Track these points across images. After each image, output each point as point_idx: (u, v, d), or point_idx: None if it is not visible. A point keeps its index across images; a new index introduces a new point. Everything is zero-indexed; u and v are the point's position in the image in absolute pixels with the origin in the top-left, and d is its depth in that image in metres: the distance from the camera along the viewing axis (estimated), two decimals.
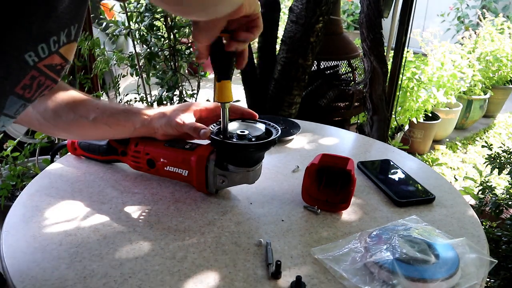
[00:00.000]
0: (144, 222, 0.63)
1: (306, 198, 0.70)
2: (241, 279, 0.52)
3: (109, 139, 0.76)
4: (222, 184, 0.68)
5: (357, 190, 0.75)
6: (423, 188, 0.74)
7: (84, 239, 0.59)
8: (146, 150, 0.72)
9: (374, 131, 1.95)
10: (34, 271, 0.52)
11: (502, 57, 3.33)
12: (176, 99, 1.94)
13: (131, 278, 0.52)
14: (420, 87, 2.64)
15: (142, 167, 0.74)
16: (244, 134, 0.65)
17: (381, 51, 1.81)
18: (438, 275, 0.51)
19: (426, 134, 2.88)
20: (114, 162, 0.79)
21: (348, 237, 0.61)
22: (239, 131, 0.65)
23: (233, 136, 0.65)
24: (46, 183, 0.73)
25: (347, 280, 0.52)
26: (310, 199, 0.69)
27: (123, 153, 0.75)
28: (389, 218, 0.67)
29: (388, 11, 1.89)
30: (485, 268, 0.54)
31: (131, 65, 1.91)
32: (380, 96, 1.88)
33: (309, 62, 1.71)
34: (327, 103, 2.09)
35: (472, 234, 0.63)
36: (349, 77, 2.18)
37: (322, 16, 1.63)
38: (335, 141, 0.97)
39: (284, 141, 0.94)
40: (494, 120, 3.67)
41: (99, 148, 0.78)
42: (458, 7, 4.92)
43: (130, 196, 0.70)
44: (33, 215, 0.64)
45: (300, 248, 0.59)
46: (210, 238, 0.60)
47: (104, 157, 0.78)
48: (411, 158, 0.90)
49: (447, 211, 0.69)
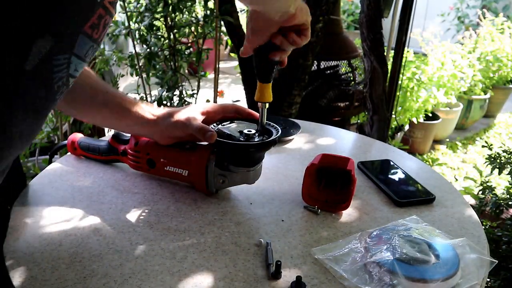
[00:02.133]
0: (144, 222, 0.63)
1: (306, 198, 0.69)
2: (241, 279, 0.52)
3: (108, 127, 0.76)
4: (222, 184, 0.68)
5: (357, 190, 0.75)
6: (423, 188, 0.74)
7: (84, 239, 0.59)
8: (146, 150, 0.72)
9: (374, 131, 1.96)
10: (34, 271, 0.52)
11: (503, 57, 3.33)
12: (176, 99, 1.94)
13: (131, 278, 0.52)
14: (420, 87, 2.64)
15: (142, 167, 0.74)
16: (247, 134, 0.65)
17: (381, 51, 1.81)
18: (438, 275, 0.51)
19: (426, 134, 2.88)
20: (114, 162, 0.79)
21: (348, 237, 0.61)
22: (240, 131, 0.65)
23: (234, 136, 0.65)
24: (46, 183, 0.73)
25: (347, 280, 0.52)
26: (310, 199, 0.69)
27: (123, 153, 0.75)
28: (389, 218, 0.67)
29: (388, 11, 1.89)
30: (485, 268, 0.54)
31: (131, 65, 1.91)
32: (380, 96, 1.88)
33: (309, 62, 1.71)
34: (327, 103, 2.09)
35: (472, 234, 0.63)
36: (349, 77, 2.18)
37: (322, 16, 1.63)
38: (335, 141, 0.97)
39: (284, 141, 0.94)
40: (494, 120, 3.67)
41: (99, 148, 0.78)
42: (458, 7, 4.92)
43: (130, 196, 0.70)
44: (33, 215, 0.64)
45: (300, 248, 0.59)
46: (210, 238, 0.60)
47: (104, 157, 0.78)
48: (411, 158, 0.90)
49: (447, 211, 0.69)
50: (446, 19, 4.90)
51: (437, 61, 2.87)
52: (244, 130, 0.66)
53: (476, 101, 3.30)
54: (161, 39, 1.89)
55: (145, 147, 0.72)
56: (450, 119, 3.09)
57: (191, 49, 1.98)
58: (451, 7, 4.96)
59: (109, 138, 0.78)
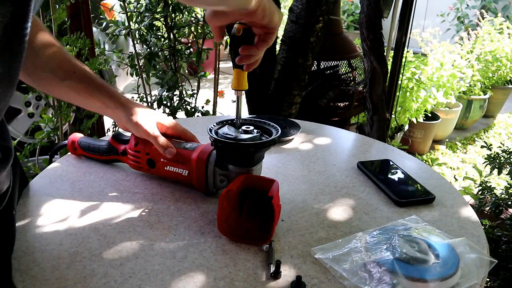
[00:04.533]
0: (144, 222, 0.63)
1: (223, 229, 0.59)
2: (241, 279, 0.52)
3: (78, 105, 0.76)
4: (222, 184, 0.68)
5: (357, 190, 0.75)
6: (423, 188, 0.74)
7: (84, 239, 0.59)
8: (146, 150, 0.72)
9: (374, 131, 1.96)
10: (34, 271, 0.52)
11: (502, 57, 3.33)
12: (176, 99, 1.94)
13: (131, 278, 0.52)
14: (420, 87, 2.65)
15: (142, 167, 0.74)
16: (248, 131, 0.65)
17: (381, 51, 1.81)
18: (438, 275, 0.51)
19: (426, 134, 2.88)
20: (114, 162, 0.79)
21: (348, 237, 0.61)
22: (242, 129, 0.65)
23: (234, 136, 0.64)
24: (46, 183, 0.73)
25: (347, 280, 0.52)
26: (228, 230, 0.60)
27: (123, 153, 0.76)
28: (389, 218, 0.67)
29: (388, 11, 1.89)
30: (485, 268, 0.54)
31: (131, 65, 1.91)
32: (380, 96, 1.88)
33: (309, 62, 1.71)
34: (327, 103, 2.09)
35: (472, 234, 0.63)
36: (349, 77, 2.19)
37: (322, 16, 1.63)
38: (335, 141, 0.97)
39: (284, 141, 0.94)
40: (494, 120, 3.67)
41: (99, 148, 0.78)
42: (458, 7, 4.92)
43: (130, 196, 0.70)
44: (33, 215, 0.64)
45: (300, 248, 0.59)
46: (210, 238, 0.60)
47: (104, 157, 0.78)
48: (411, 158, 0.90)
49: (447, 211, 0.69)
50: (446, 19, 4.91)
51: (436, 61, 2.87)
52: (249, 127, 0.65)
53: (475, 101, 3.30)
54: (161, 39, 1.89)
55: (145, 147, 0.72)
56: (450, 119, 3.09)
57: (191, 49, 1.98)
58: (450, 7, 4.96)
59: (109, 138, 0.78)
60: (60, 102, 1.47)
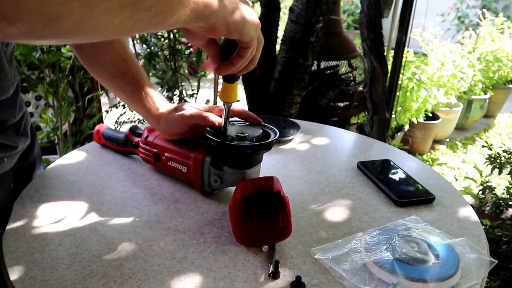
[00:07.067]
0: (144, 222, 0.63)
1: (242, 239, 0.58)
2: (241, 279, 0.52)
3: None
4: (216, 184, 0.67)
5: (357, 190, 0.75)
6: (423, 188, 0.74)
7: (83, 239, 0.59)
8: (153, 143, 0.74)
9: (374, 131, 1.96)
10: (34, 271, 0.52)
11: (502, 57, 3.33)
12: (176, 99, 1.94)
13: (131, 278, 0.52)
14: (420, 87, 2.65)
15: (150, 160, 0.76)
16: (243, 136, 0.64)
17: (381, 51, 1.82)
18: (438, 275, 0.51)
19: (426, 134, 2.88)
20: (129, 153, 0.83)
21: (348, 237, 0.61)
22: (238, 133, 0.64)
23: (232, 138, 0.64)
24: (46, 183, 0.73)
25: (347, 280, 0.52)
26: (246, 238, 0.58)
27: (136, 145, 0.79)
28: (389, 218, 0.67)
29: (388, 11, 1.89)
30: (485, 268, 0.54)
31: None
32: (380, 96, 1.88)
33: (309, 62, 1.71)
34: (327, 103, 2.09)
35: (472, 234, 0.63)
36: (349, 77, 2.19)
37: (322, 16, 1.63)
38: (335, 141, 0.97)
39: (284, 141, 0.94)
40: (494, 120, 3.67)
41: (118, 139, 0.83)
42: (458, 7, 4.93)
43: (130, 196, 0.70)
44: (32, 215, 0.64)
45: (300, 248, 0.59)
46: (210, 238, 0.60)
47: (121, 148, 0.83)
48: (411, 158, 0.90)
49: (447, 211, 0.69)
50: (446, 19, 4.91)
51: (437, 61, 2.87)
52: (243, 132, 0.64)
53: (476, 101, 3.30)
54: (161, 39, 1.89)
55: (152, 142, 0.74)
56: (450, 119, 3.09)
57: (191, 49, 1.98)
58: (451, 7, 4.96)
59: (127, 131, 0.82)
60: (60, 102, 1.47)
